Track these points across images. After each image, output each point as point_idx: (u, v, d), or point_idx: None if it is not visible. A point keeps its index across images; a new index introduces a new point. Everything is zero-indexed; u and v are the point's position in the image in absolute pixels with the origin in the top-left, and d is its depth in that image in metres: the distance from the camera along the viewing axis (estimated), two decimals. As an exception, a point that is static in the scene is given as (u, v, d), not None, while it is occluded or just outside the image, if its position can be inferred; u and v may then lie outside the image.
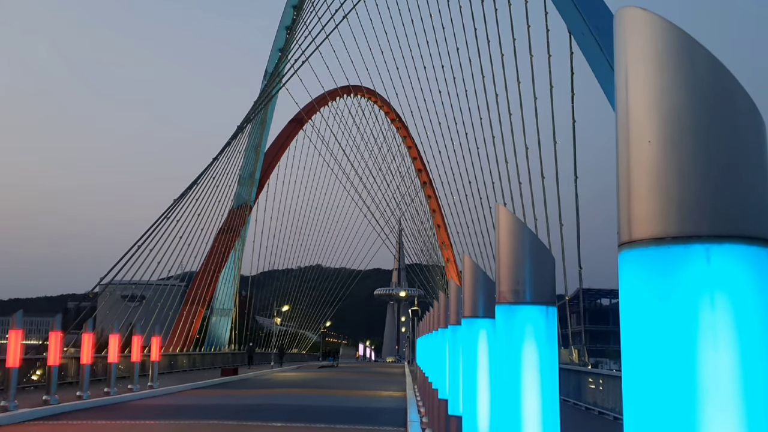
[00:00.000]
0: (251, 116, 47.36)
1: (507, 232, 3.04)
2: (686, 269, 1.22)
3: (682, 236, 1.23)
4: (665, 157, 1.27)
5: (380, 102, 62.90)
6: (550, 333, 2.92)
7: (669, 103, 1.30)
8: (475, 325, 4.09)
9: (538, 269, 2.93)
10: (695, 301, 1.21)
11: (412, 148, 66.01)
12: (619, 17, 1.41)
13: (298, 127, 57.50)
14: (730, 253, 1.20)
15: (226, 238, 48.56)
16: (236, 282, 53.05)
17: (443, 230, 65.63)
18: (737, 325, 1.21)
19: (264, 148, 54.53)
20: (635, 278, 1.29)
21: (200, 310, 45.75)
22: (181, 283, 45.80)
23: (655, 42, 1.32)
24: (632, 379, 1.30)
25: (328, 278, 72.73)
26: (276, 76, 48.13)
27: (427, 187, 66.91)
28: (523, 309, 2.81)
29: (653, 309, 1.26)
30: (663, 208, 1.26)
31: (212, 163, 45.01)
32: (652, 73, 1.32)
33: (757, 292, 1.21)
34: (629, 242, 1.30)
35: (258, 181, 53.85)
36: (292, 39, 49.20)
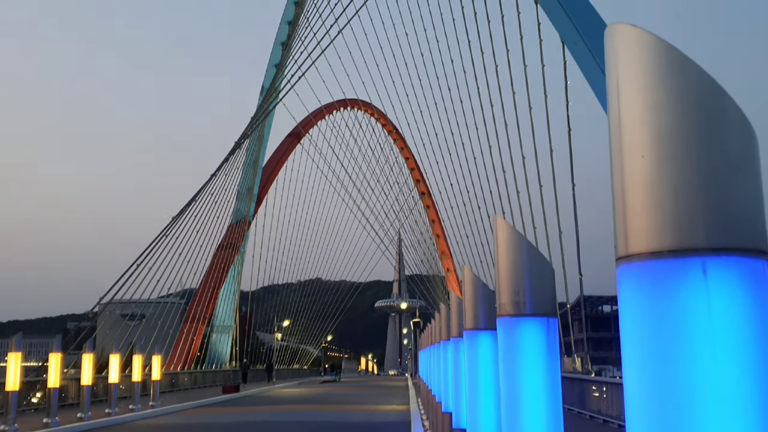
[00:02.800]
0: (249, 132, 47.47)
1: (506, 244, 3.05)
2: (683, 282, 1.23)
3: (678, 250, 1.24)
4: (659, 171, 1.28)
5: (377, 114, 63.11)
6: (552, 344, 2.92)
7: (661, 117, 1.31)
8: (477, 338, 4.09)
9: (538, 281, 2.94)
10: (693, 314, 1.22)
11: (410, 159, 66.16)
12: (610, 34, 1.43)
13: (295, 141, 57.62)
14: (727, 266, 1.21)
15: (226, 253, 48.50)
16: (236, 298, 52.92)
17: (443, 240, 65.63)
18: (735, 338, 1.21)
19: (262, 163, 54.62)
20: (633, 292, 1.30)
21: (200, 328, 45.61)
22: (181, 301, 45.69)
23: (645, 58, 1.34)
24: (634, 393, 1.30)
25: (329, 291, 72.59)
26: (273, 92, 48.30)
27: (426, 197, 66.99)
28: (524, 321, 2.81)
29: (652, 322, 1.27)
30: (658, 222, 1.27)
31: (210, 179, 45.06)
32: (644, 89, 1.34)
33: (755, 304, 1.22)
34: (626, 256, 1.31)
35: (256, 196, 53.88)
36: (288, 55, 49.40)
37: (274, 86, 48.55)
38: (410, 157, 65.50)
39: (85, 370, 17.45)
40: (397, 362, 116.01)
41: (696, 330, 1.22)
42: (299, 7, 52.60)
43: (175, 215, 41.65)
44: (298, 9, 52.61)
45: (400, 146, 66.85)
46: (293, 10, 53.22)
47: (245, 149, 50.18)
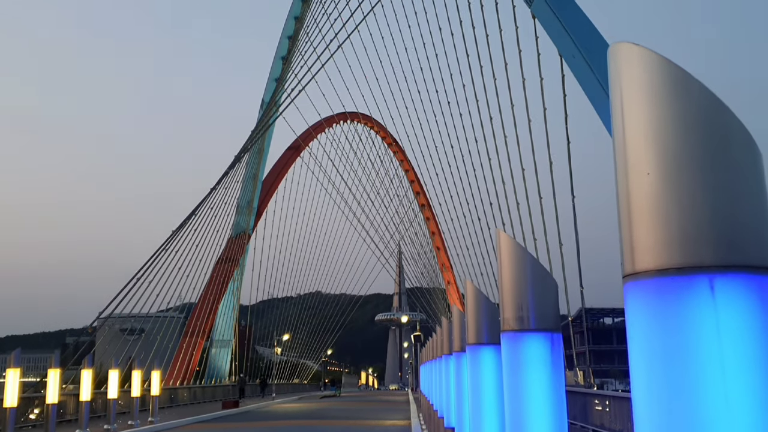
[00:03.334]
0: (249, 146, 47.56)
1: (509, 259, 3.05)
2: (691, 300, 1.23)
3: (685, 267, 1.24)
4: (665, 188, 1.29)
5: (377, 127, 63.27)
6: (556, 360, 2.91)
7: (666, 135, 1.32)
8: (479, 353, 4.08)
9: (542, 295, 2.94)
10: (702, 332, 1.22)
11: (410, 171, 66.25)
12: (613, 52, 1.43)
13: (295, 154, 57.72)
14: (734, 283, 1.21)
15: (225, 267, 48.43)
16: (235, 312, 52.77)
17: (443, 252, 65.56)
18: (745, 356, 1.21)
19: (262, 176, 54.69)
20: (641, 310, 1.29)
21: (200, 342, 45.43)
22: (181, 315, 45.55)
23: (649, 76, 1.34)
24: (642, 411, 1.30)
25: (328, 305, 72.39)
26: (273, 106, 48.45)
27: (426, 209, 67.01)
28: (528, 336, 2.80)
29: (660, 341, 1.26)
30: (665, 240, 1.27)
31: (210, 193, 45.08)
32: (648, 107, 1.34)
33: (763, 321, 1.22)
34: (633, 274, 1.31)
35: (256, 209, 53.88)
36: (288, 69, 49.61)
37: (274, 100, 48.72)
38: (410, 170, 65.61)
39: (84, 386, 17.37)
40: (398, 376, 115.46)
41: (705, 348, 1.21)
42: (299, 22, 52.90)
43: (175, 229, 41.63)
44: (298, 24, 52.91)
45: (399, 159, 66.98)
46: (293, 25, 53.51)
47: (245, 163, 50.26)
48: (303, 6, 52.96)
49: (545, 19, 26.55)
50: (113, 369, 19.51)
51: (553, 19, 25.77)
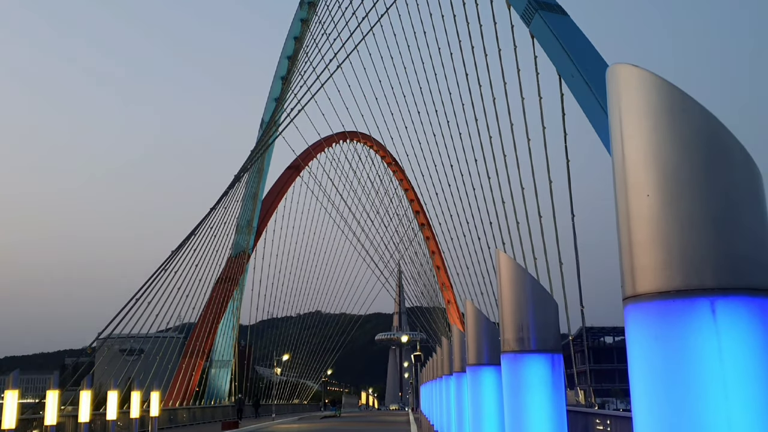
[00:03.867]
0: (248, 165, 47.65)
1: (509, 280, 3.04)
2: (692, 323, 1.22)
3: (686, 290, 1.23)
4: (664, 210, 1.28)
5: (376, 146, 63.43)
6: (557, 381, 2.89)
7: (665, 156, 1.31)
8: (480, 374, 4.05)
9: (542, 316, 2.92)
10: (704, 354, 1.21)
11: (409, 190, 66.31)
12: (612, 74, 1.44)
13: (295, 173, 57.82)
14: (736, 306, 1.20)
15: (225, 287, 48.28)
16: (235, 332, 52.53)
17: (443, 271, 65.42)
18: (747, 378, 1.20)
19: (261, 196, 54.74)
20: (642, 332, 1.28)
21: (199, 362, 45.16)
22: (180, 335, 45.32)
23: (648, 98, 1.34)
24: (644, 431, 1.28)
25: (328, 325, 72.07)
26: (272, 125, 48.62)
27: (425, 228, 66.98)
28: (528, 358, 2.79)
29: (662, 363, 1.25)
30: (665, 262, 1.26)
31: (210, 212, 45.08)
32: (647, 128, 1.34)
33: (765, 343, 1.21)
34: (634, 296, 1.30)
35: (256, 229, 53.85)
36: (288, 89, 49.87)
37: (274, 120, 48.90)
38: (410, 189, 65.68)
39: (82, 407, 17.23)
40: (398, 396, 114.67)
41: (707, 371, 1.20)
42: (299, 42, 53.27)
43: (175, 249, 41.56)
44: (298, 44, 53.27)
45: (399, 178, 67.09)
46: (293, 46, 53.87)
47: (245, 182, 50.33)
48: (303, 26, 53.39)
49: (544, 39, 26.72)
50: (112, 390, 19.37)
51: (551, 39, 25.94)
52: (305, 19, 53.17)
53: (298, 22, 53.97)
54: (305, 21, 53.08)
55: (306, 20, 52.96)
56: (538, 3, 26.91)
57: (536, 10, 26.44)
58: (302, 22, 53.43)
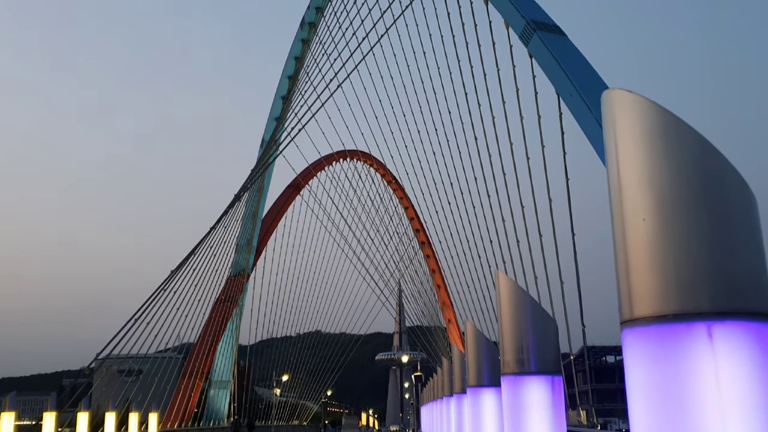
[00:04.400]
0: (248, 184, 47.72)
1: (509, 301, 3.03)
2: (689, 347, 1.22)
3: (683, 314, 1.23)
4: (660, 234, 1.29)
5: (376, 165, 63.59)
6: (557, 403, 2.87)
7: (660, 181, 1.32)
8: (480, 395, 4.02)
9: (542, 338, 2.91)
10: (701, 379, 1.21)
11: (409, 208, 66.34)
12: (606, 99, 1.45)
13: (295, 192, 57.91)
14: (732, 330, 1.20)
15: (224, 307, 48.13)
16: (234, 352, 52.26)
17: (443, 290, 65.24)
18: (745, 403, 1.20)
19: (261, 215, 54.77)
20: (639, 356, 1.28)
21: (198, 383, 44.88)
22: (179, 356, 45.08)
23: (642, 123, 1.35)
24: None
25: (328, 344, 71.69)
26: (272, 144, 48.77)
27: (426, 246, 66.91)
28: (528, 380, 2.77)
29: (659, 387, 1.25)
30: (662, 286, 1.27)
31: (209, 232, 45.06)
32: (642, 153, 1.35)
33: (762, 368, 1.21)
34: (631, 320, 1.30)
35: (255, 248, 53.80)
36: (288, 108, 50.11)
37: (274, 139, 49.07)
38: (410, 207, 65.72)
39: (80, 429, 17.10)
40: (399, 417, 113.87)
41: (704, 394, 1.20)
42: (299, 62, 53.63)
43: (174, 269, 41.49)
44: (299, 64, 53.63)
45: (399, 196, 67.16)
46: (293, 66, 54.26)
47: (245, 201, 50.38)
48: (303, 47, 53.78)
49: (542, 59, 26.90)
50: (110, 411, 19.24)
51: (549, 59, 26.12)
52: (306, 39, 53.58)
53: (299, 42, 54.38)
54: (306, 41, 53.48)
55: (307, 40, 53.37)
56: (536, 23, 27.14)
57: (534, 30, 26.67)
58: (303, 42, 53.84)
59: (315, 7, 52.07)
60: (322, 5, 50.97)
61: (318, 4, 51.58)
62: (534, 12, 27.60)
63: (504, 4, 28.97)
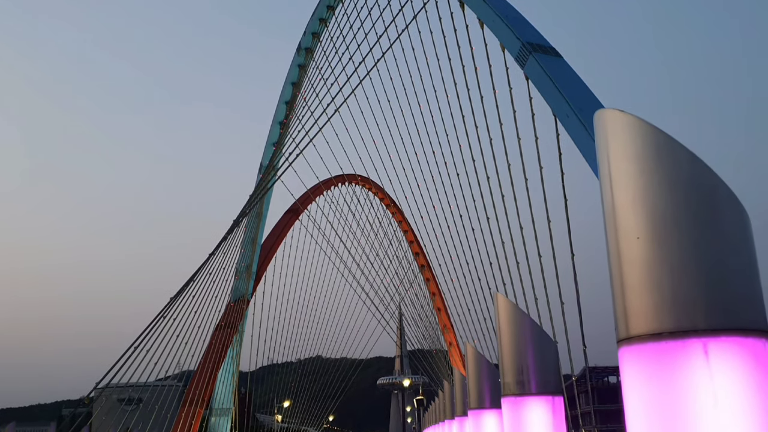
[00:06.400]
0: (247, 210, 47.74)
1: (508, 323, 3.04)
2: (686, 364, 1.23)
3: (678, 331, 1.24)
4: (655, 252, 1.30)
5: (374, 188, 63.68)
6: (558, 423, 2.86)
7: (654, 200, 1.34)
8: (481, 418, 4.01)
9: (542, 359, 2.91)
10: (698, 396, 1.21)
11: (408, 232, 66.29)
12: (599, 119, 1.47)
13: (294, 217, 57.90)
14: (729, 347, 1.21)
15: (224, 333, 47.86)
16: (235, 379, 51.89)
17: (444, 313, 64.97)
18: (741, 417, 1.20)
19: (260, 240, 54.69)
20: (636, 374, 1.29)
21: (199, 411, 44.46)
22: (179, 383, 44.75)
23: (635, 142, 1.38)
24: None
25: (329, 370, 71.23)
26: (271, 170, 48.88)
27: (425, 270, 66.76)
28: (529, 401, 2.77)
29: (657, 405, 1.25)
30: (657, 304, 1.28)
31: (208, 258, 44.97)
32: (635, 172, 1.37)
33: (759, 385, 1.21)
34: (627, 339, 1.31)
35: (255, 274, 53.66)
36: (286, 133, 50.31)
37: (272, 164, 49.20)
38: (409, 230, 65.67)
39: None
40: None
41: (701, 411, 1.20)
42: (296, 88, 53.98)
43: (173, 296, 41.34)
44: (295, 90, 53.96)
45: (398, 219, 67.16)
46: (291, 91, 54.56)
47: (244, 227, 50.36)
48: (300, 72, 54.15)
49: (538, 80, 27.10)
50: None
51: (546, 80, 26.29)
52: (302, 64, 53.97)
53: (295, 68, 54.77)
54: (302, 66, 53.86)
55: (303, 66, 53.74)
56: (532, 45, 27.39)
57: (530, 52, 26.91)
58: (299, 68, 54.22)
59: (311, 33, 52.51)
60: (318, 30, 51.44)
61: (314, 30, 52.04)
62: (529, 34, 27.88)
63: (499, 27, 29.26)
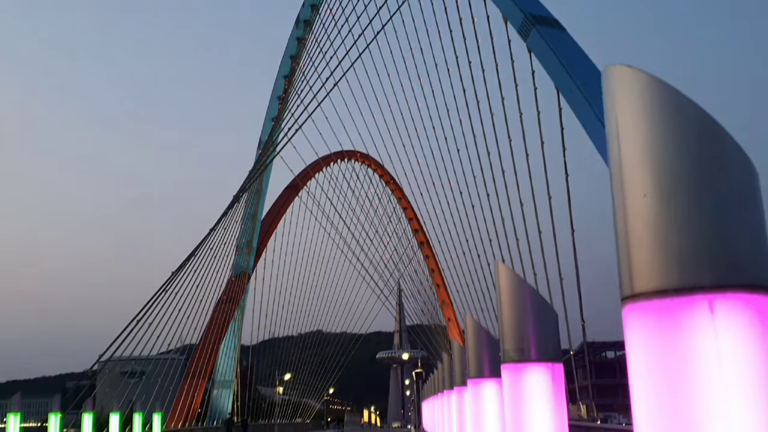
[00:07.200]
0: (247, 186, 47.70)
1: (508, 291, 3.03)
2: (690, 321, 1.21)
3: (684, 288, 1.22)
4: (662, 210, 1.28)
5: (374, 165, 63.55)
6: (558, 390, 2.87)
7: (661, 156, 1.31)
8: (480, 386, 4.02)
9: (542, 326, 2.91)
10: (702, 353, 1.20)
11: (408, 209, 66.31)
12: (607, 75, 1.44)
13: (293, 193, 57.88)
14: (734, 304, 1.19)
15: (226, 308, 48.15)
16: (237, 352, 52.30)
17: (443, 289, 65.23)
18: (747, 377, 1.19)
19: (260, 216, 54.73)
20: (640, 332, 1.28)
21: (201, 383, 44.91)
22: (181, 357, 45.15)
23: (643, 98, 1.35)
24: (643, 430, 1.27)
25: (330, 344, 71.79)
26: (270, 145, 48.73)
27: (425, 246, 66.90)
28: (528, 368, 2.77)
29: (660, 363, 1.24)
30: (663, 261, 1.26)
31: (209, 233, 45.06)
32: (643, 129, 1.34)
33: (762, 340, 1.20)
34: (631, 296, 1.29)
35: (255, 249, 53.79)
36: (285, 108, 50.04)
37: (272, 139, 49.03)
38: (408, 207, 65.68)
39: (85, 429, 17.09)
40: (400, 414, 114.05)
41: (705, 369, 1.19)
42: (295, 61, 53.56)
43: (175, 270, 41.51)
44: (294, 63, 53.55)
45: (398, 196, 67.14)
46: (289, 65, 54.17)
47: (243, 202, 50.36)
48: (299, 45, 53.70)
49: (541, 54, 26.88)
50: (114, 412, 19.22)
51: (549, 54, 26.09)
52: (301, 37, 53.48)
53: (294, 40, 54.27)
54: (301, 39, 53.39)
55: (302, 39, 53.27)
56: (534, 18, 27.08)
57: (533, 24, 26.63)
58: (298, 41, 53.74)
59: (310, 5, 51.96)
60: (317, 2, 50.89)
61: (313, 2, 51.49)
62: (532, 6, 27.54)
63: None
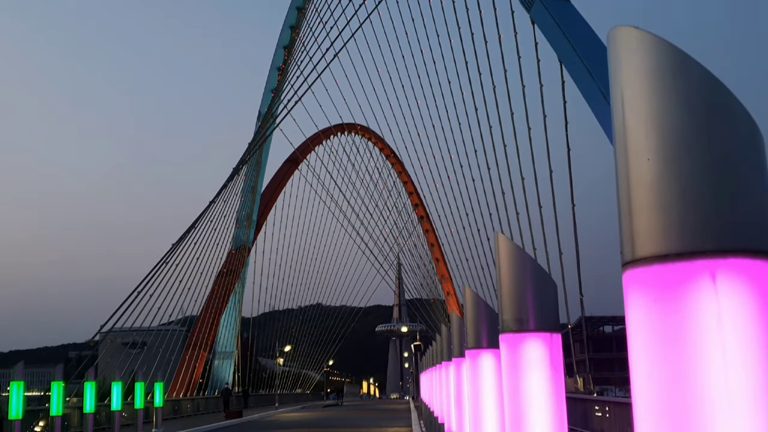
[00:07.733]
0: (246, 158, 47.55)
1: (508, 261, 3.02)
2: (692, 287, 1.20)
3: (685, 253, 1.20)
4: (665, 173, 1.26)
5: (374, 139, 63.29)
6: (556, 360, 2.87)
7: (666, 119, 1.29)
8: (478, 357, 4.04)
9: (541, 296, 2.90)
10: (703, 319, 1.19)
11: (408, 183, 66.23)
12: (613, 37, 1.41)
13: (293, 166, 57.72)
14: (736, 269, 1.18)
15: (226, 280, 48.36)
16: (237, 324, 52.68)
17: (442, 264, 65.44)
18: (747, 344, 1.18)
19: (260, 189, 54.66)
20: (641, 298, 1.26)
21: (202, 354, 45.33)
22: (183, 328, 45.49)
23: (649, 59, 1.32)
24: (643, 403, 1.26)
25: (329, 317, 72.28)
26: (269, 117, 48.47)
27: (424, 220, 66.95)
28: (527, 338, 2.77)
29: (660, 329, 1.23)
30: (665, 226, 1.24)
31: (209, 206, 45.07)
32: (648, 91, 1.31)
33: (763, 306, 1.19)
34: (632, 261, 1.28)
35: (255, 222, 53.84)
36: (285, 79, 49.67)
37: (271, 112, 48.75)
38: (408, 181, 65.59)
39: (87, 398, 17.26)
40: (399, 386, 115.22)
41: (706, 336, 1.18)
42: (295, 31, 53.03)
43: (175, 242, 41.61)
44: (294, 33, 53.03)
45: (398, 170, 67.00)
46: (289, 35, 53.63)
47: (243, 175, 50.27)
48: (299, 15, 53.13)
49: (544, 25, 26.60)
50: (116, 382, 19.40)
51: (552, 25, 25.82)
52: (301, 7, 52.88)
53: (294, 10, 53.65)
54: (301, 9, 52.79)
55: (302, 8, 52.67)
56: (537, -10, 26.80)
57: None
58: (298, 11, 53.15)
59: (312, -25, 51.39)
60: (319, -27, 50.25)
61: (315, -28, 50.87)
62: (536, -23, 27.21)
63: (504, -30, 28.56)
